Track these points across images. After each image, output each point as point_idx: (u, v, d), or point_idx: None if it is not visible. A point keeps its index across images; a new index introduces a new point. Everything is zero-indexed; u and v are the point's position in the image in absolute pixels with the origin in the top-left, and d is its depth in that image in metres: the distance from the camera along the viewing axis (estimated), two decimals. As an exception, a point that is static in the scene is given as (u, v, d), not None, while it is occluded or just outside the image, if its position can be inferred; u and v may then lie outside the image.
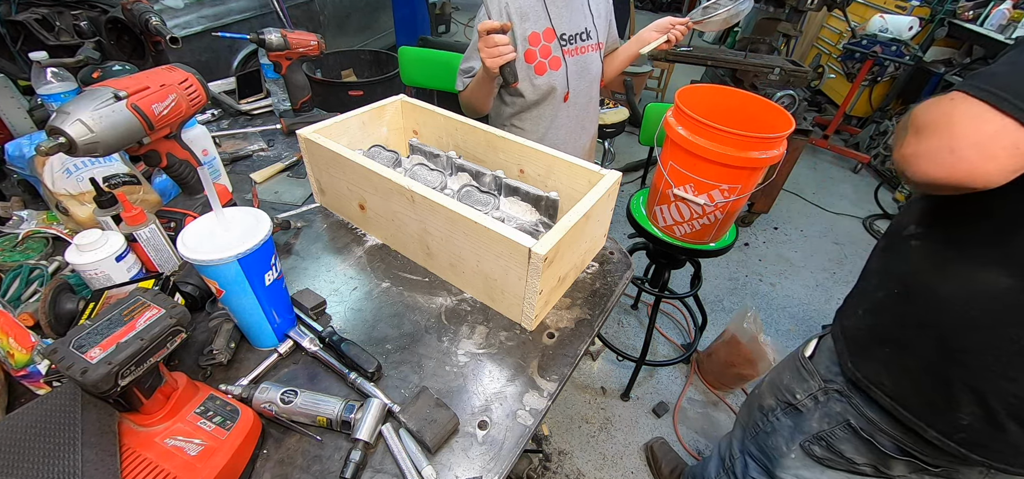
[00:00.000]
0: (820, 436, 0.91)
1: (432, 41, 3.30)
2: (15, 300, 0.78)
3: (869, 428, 0.83)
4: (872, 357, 0.79)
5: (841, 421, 0.87)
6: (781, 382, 1.00)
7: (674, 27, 1.34)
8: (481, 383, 0.72)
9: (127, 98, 0.69)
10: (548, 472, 1.67)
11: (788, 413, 0.98)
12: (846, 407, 0.86)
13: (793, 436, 0.97)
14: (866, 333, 0.81)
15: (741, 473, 1.15)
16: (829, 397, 0.89)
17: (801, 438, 0.95)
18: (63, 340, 0.47)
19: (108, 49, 1.22)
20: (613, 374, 2.05)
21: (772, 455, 1.03)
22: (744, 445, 1.14)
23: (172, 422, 0.56)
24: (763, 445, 1.06)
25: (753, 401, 1.12)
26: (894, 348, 0.76)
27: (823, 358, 0.93)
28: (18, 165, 0.96)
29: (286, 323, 0.74)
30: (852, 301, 0.88)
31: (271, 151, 1.34)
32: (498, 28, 1.02)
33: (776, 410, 1.01)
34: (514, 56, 1.07)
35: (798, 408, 0.95)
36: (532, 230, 0.89)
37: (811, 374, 0.93)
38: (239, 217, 0.65)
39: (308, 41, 1.37)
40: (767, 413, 1.04)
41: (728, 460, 1.21)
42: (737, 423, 1.21)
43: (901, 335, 0.75)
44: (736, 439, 1.18)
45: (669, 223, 1.33)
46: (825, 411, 0.90)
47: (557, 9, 1.27)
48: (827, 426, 0.90)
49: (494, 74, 1.09)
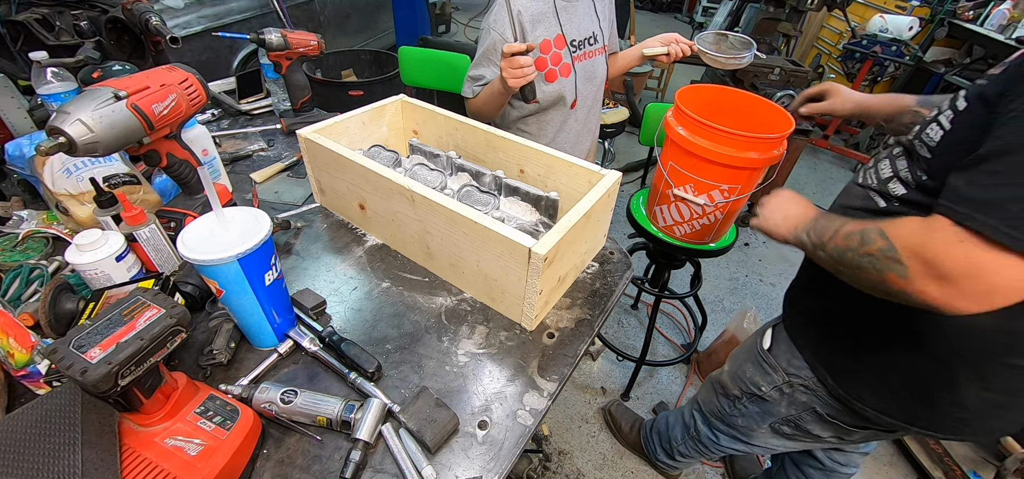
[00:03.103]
0: (788, 419, 0.98)
1: (432, 41, 3.31)
2: (15, 300, 0.78)
3: (835, 413, 0.89)
4: (858, 380, 0.83)
5: (808, 408, 0.93)
6: (744, 374, 1.04)
7: (678, 44, 1.33)
8: (481, 383, 0.72)
9: (127, 98, 0.69)
10: (548, 472, 1.67)
11: (754, 401, 1.03)
12: (812, 397, 0.91)
13: (762, 418, 1.03)
14: (850, 360, 0.83)
15: (709, 443, 1.24)
16: (794, 390, 0.94)
17: (770, 420, 1.02)
18: (63, 340, 0.47)
19: (108, 49, 1.22)
20: (613, 374, 2.05)
21: (741, 431, 1.11)
22: (710, 422, 1.22)
23: (172, 422, 0.56)
24: (731, 424, 1.13)
25: (715, 388, 1.17)
26: (878, 371, 0.79)
27: (782, 350, 0.96)
28: (18, 165, 0.96)
29: (286, 323, 0.74)
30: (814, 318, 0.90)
31: (271, 151, 1.34)
32: (522, 50, 1.01)
33: (742, 399, 1.07)
34: (536, 75, 1.06)
35: (764, 398, 1.00)
36: (532, 230, 0.89)
37: (773, 368, 0.97)
38: (239, 217, 0.65)
39: (308, 41, 1.37)
40: (733, 400, 1.10)
41: (693, 431, 1.29)
42: (697, 399, 1.28)
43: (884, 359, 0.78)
44: (698, 415, 1.26)
45: (669, 223, 1.33)
46: (791, 400, 0.95)
47: (567, 15, 1.26)
48: (795, 412, 0.96)
49: (513, 91, 1.09)
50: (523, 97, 1.09)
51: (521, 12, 1.19)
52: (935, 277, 0.56)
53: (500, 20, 1.19)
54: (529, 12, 1.21)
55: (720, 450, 1.25)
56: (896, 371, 0.77)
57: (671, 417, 1.46)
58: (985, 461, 1.58)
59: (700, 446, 1.31)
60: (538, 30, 1.22)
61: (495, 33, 1.20)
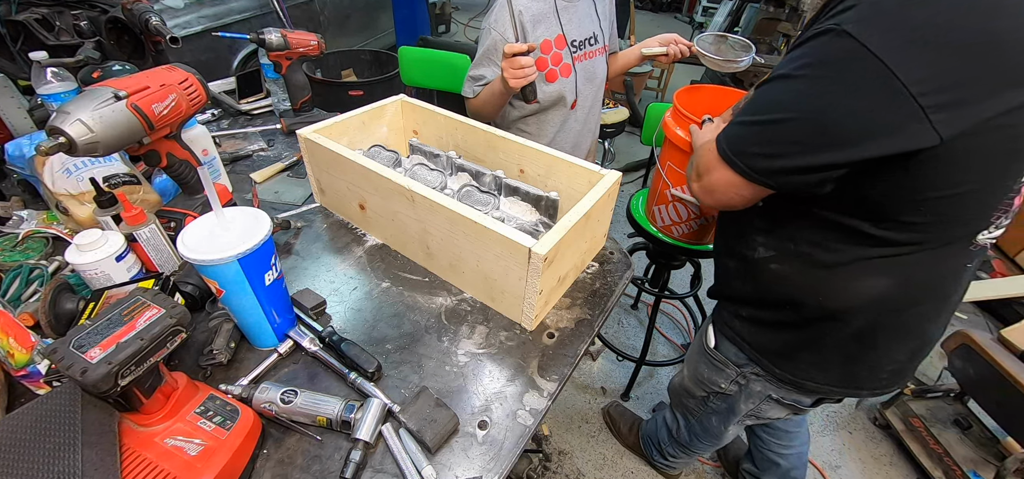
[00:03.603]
0: (750, 413, 1.03)
1: (432, 41, 3.30)
2: (15, 300, 0.78)
3: (790, 397, 0.93)
4: (797, 361, 0.86)
5: (764, 396, 0.97)
6: (702, 376, 1.08)
7: (677, 45, 1.34)
8: (481, 383, 0.72)
9: (127, 98, 0.69)
10: (548, 472, 1.67)
11: (719, 398, 1.07)
12: (765, 385, 0.94)
13: (728, 416, 1.09)
14: (781, 345, 0.88)
15: (689, 444, 1.32)
16: (748, 380, 0.97)
17: (735, 418, 1.07)
18: (63, 340, 0.47)
19: (108, 49, 1.22)
20: (613, 374, 2.05)
21: (714, 432, 1.17)
22: (689, 424, 1.27)
23: (172, 422, 0.56)
24: (705, 425, 1.18)
25: (681, 395, 1.22)
26: (811, 352, 0.83)
27: (727, 347, 0.99)
28: (18, 165, 0.96)
29: (286, 323, 0.74)
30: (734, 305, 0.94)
31: (271, 151, 1.34)
32: (523, 51, 1.02)
33: (709, 398, 1.10)
34: (536, 76, 1.06)
35: (726, 393, 1.04)
36: (532, 230, 0.89)
37: (724, 364, 1.00)
38: (239, 217, 0.65)
39: (308, 41, 1.37)
40: (702, 400, 1.13)
41: (677, 431, 1.33)
42: (673, 404, 1.33)
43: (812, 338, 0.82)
44: (681, 418, 1.31)
45: (667, 223, 1.33)
46: (748, 393, 0.99)
47: (568, 15, 1.26)
48: (754, 404, 1.00)
49: (514, 92, 1.09)
50: (524, 97, 1.09)
51: (522, 12, 1.19)
52: (695, 174, 0.78)
53: (501, 20, 1.19)
54: (530, 12, 1.21)
55: (699, 448, 1.30)
56: (823, 345, 0.81)
57: (659, 418, 1.49)
58: (985, 461, 1.58)
59: (684, 449, 1.35)
60: (539, 30, 1.22)
61: (496, 33, 1.20)
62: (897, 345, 0.79)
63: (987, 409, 1.51)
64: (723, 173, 0.71)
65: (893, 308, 0.74)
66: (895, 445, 1.82)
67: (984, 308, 2.42)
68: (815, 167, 0.62)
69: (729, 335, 0.96)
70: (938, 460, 1.63)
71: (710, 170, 0.73)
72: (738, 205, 0.74)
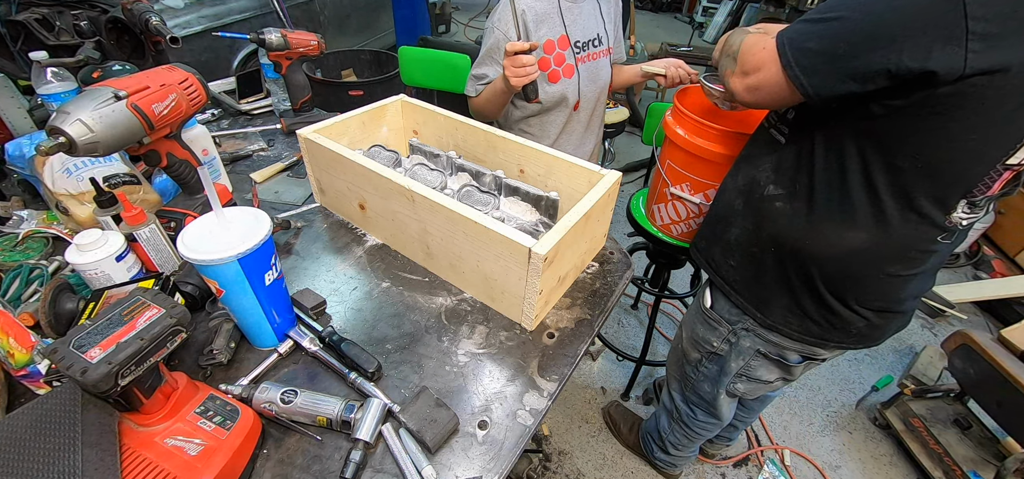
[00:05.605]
0: (740, 373, 1.07)
1: (432, 41, 3.30)
2: (15, 300, 0.78)
3: (777, 350, 0.97)
4: (776, 306, 0.92)
5: (753, 353, 1.01)
6: (698, 335, 1.13)
7: (678, 68, 1.34)
8: (481, 383, 0.72)
9: (127, 98, 0.69)
10: (548, 472, 1.67)
11: (712, 360, 1.12)
12: (754, 340, 0.99)
13: (719, 379, 1.13)
14: (761, 288, 0.93)
15: (689, 420, 1.33)
16: (738, 337, 1.02)
17: (726, 382, 1.11)
18: (63, 340, 0.47)
19: (108, 49, 1.21)
20: (613, 374, 2.05)
21: (708, 399, 1.21)
22: (685, 395, 1.30)
23: (172, 422, 0.56)
24: (700, 392, 1.22)
25: (680, 357, 1.25)
26: (790, 299, 0.89)
27: (721, 304, 1.03)
28: (18, 165, 0.96)
29: (286, 323, 0.74)
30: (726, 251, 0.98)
31: (271, 151, 1.34)
32: (525, 49, 1.02)
33: (702, 360, 1.15)
34: (538, 74, 1.06)
35: (718, 353, 1.09)
36: (532, 230, 0.89)
37: (718, 322, 1.05)
38: (239, 217, 0.65)
39: (308, 41, 1.37)
40: (695, 365, 1.18)
41: (675, 412, 1.37)
42: (670, 377, 1.36)
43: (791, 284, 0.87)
44: (676, 392, 1.35)
45: (666, 222, 1.33)
46: (738, 350, 1.03)
47: (572, 16, 1.26)
48: (743, 361, 1.04)
49: (516, 90, 1.09)
50: (525, 96, 1.09)
51: (525, 11, 1.19)
52: (740, 72, 0.78)
53: (504, 19, 1.19)
54: (533, 11, 1.21)
55: (698, 425, 1.32)
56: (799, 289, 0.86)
57: (658, 409, 1.51)
58: (985, 461, 1.58)
59: (684, 426, 1.37)
60: (542, 30, 1.22)
61: (499, 32, 1.20)
62: (865, 299, 0.83)
63: (987, 409, 1.51)
64: (773, 71, 0.71)
65: (861, 262, 0.78)
66: (895, 445, 1.82)
67: (984, 308, 2.42)
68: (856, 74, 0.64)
69: (721, 285, 1.00)
70: (938, 460, 1.63)
71: (760, 68, 0.74)
72: (774, 105, 0.79)
